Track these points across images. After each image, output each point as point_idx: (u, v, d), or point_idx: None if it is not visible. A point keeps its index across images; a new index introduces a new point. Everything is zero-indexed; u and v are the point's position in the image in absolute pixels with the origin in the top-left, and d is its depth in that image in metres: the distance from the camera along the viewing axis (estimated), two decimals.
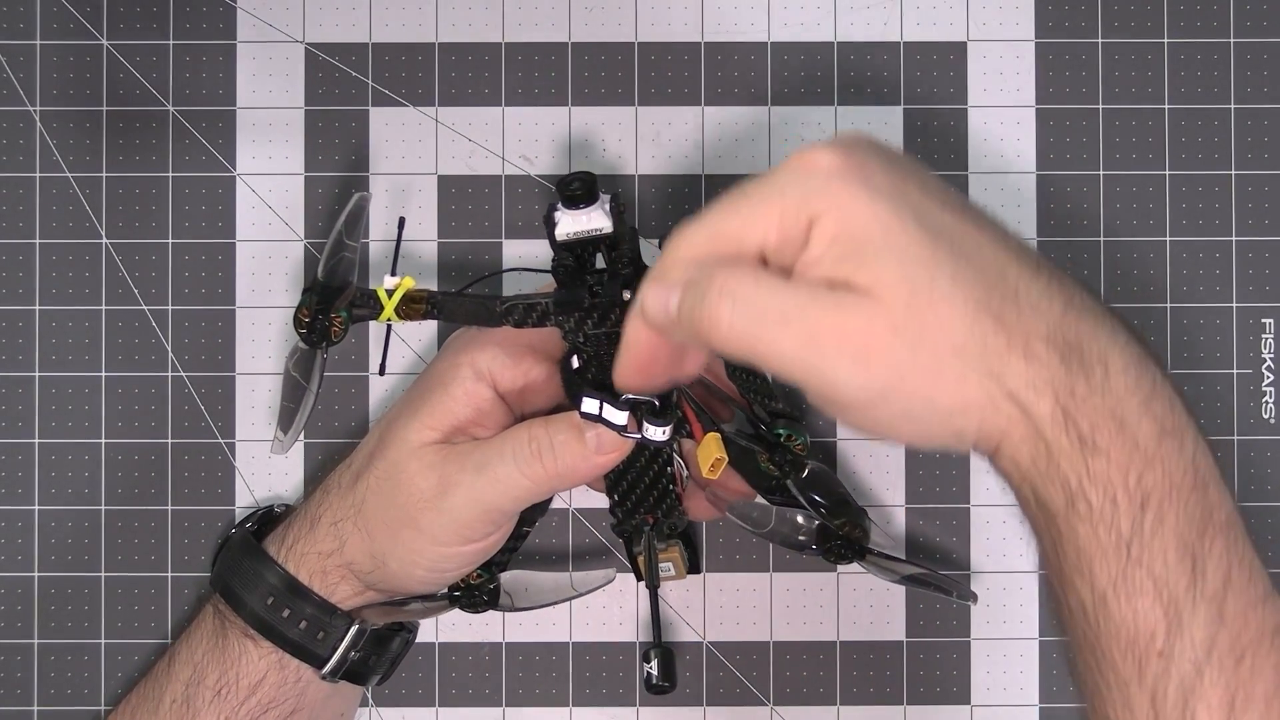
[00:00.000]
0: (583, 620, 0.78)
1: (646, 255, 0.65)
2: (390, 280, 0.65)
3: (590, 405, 0.62)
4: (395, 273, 0.66)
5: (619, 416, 0.62)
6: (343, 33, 0.80)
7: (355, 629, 0.69)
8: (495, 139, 0.79)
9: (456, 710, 0.78)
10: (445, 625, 0.78)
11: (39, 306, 0.79)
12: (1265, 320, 0.78)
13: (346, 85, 0.80)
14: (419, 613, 0.72)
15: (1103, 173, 0.78)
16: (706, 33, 0.79)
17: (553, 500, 0.75)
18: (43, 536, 0.79)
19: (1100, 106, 0.79)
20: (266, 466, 0.79)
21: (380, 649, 0.72)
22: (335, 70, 0.80)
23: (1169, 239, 0.78)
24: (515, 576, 0.75)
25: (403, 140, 0.79)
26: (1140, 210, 0.78)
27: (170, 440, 0.79)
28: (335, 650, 0.69)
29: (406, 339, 0.79)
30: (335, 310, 0.67)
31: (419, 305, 0.65)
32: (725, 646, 0.78)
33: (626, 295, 0.62)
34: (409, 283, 0.65)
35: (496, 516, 0.67)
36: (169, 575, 0.78)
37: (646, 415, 0.61)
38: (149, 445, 0.79)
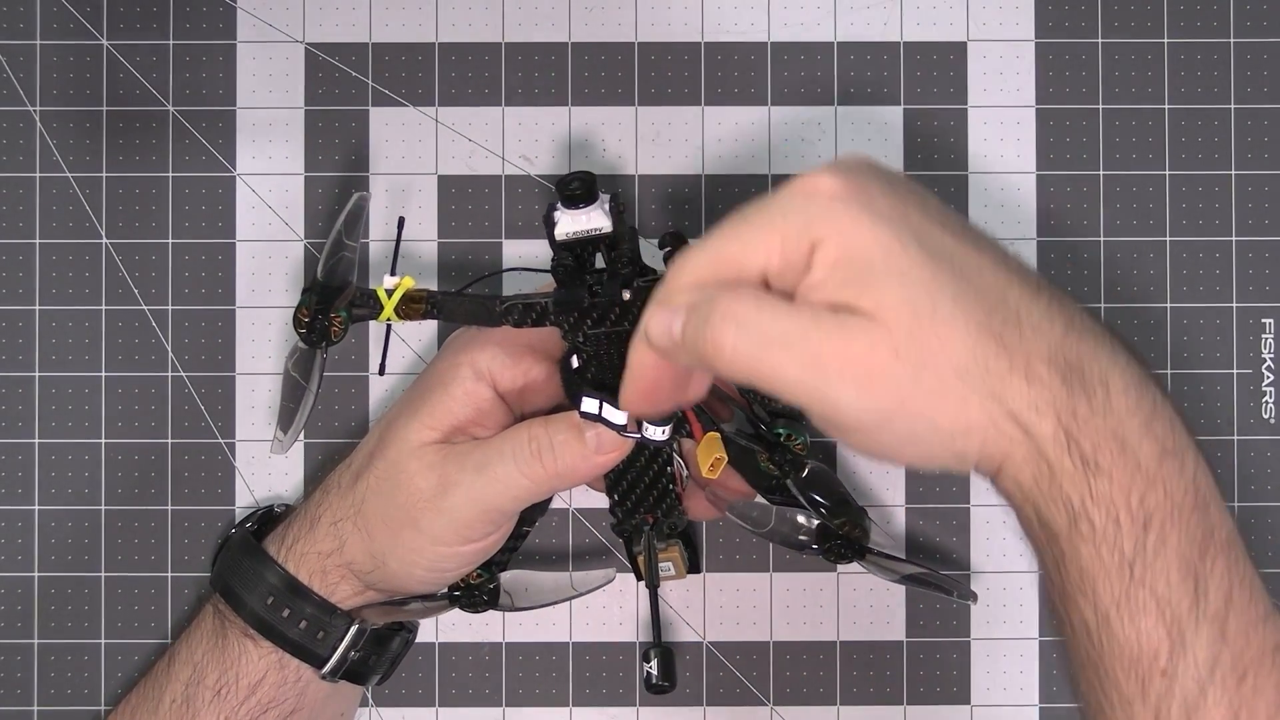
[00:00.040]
0: (583, 620, 0.78)
1: (646, 255, 0.65)
2: (390, 280, 0.65)
3: (590, 405, 0.62)
4: (395, 272, 0.66)
5: (619, 416, 0.62)
6: (343, 33, 0.80)
7: (355, 629, 0.69)
8: (495, 139, 0.79)
9: (456, 710, 0.78)
10: (445, 625, 0.78)
11: (39, 306, 0.79)
12: (1265, 320, 0.78)
13: (346, 85, 0.80)
14: (419, 612, 0.72)
15: (1103, 173, 0.78)
16: (706, 33, 0.79)
17: (552, 500, 0.75)
18: (43, 536, 0.79)
19: (1100, 106, 0.79)
20: (266, 466, 0.79)
21: (380, 649, 0.72)
22: (335, 70, 0.80)
23: (1169, 239, 0.78)
24: (515, 576, 0.75)
25: (403, 140, 0.79)
26: (1140, 210, 0.78)
27: (170, 440, 0.79)
28: (335, 650, 0.69)
29: (406, 339, 0.79)
30: (335, 310, 0.67)
31: (419, 305, 0.65)
32: (725, 646, 0.78)
33: (626, 295, 0.62)
34: (409, 282, 0.65)
35: (496, 516, 0.67)
36: (169, 575, 0.78)
37: None
38: (149, 445, 0.79)
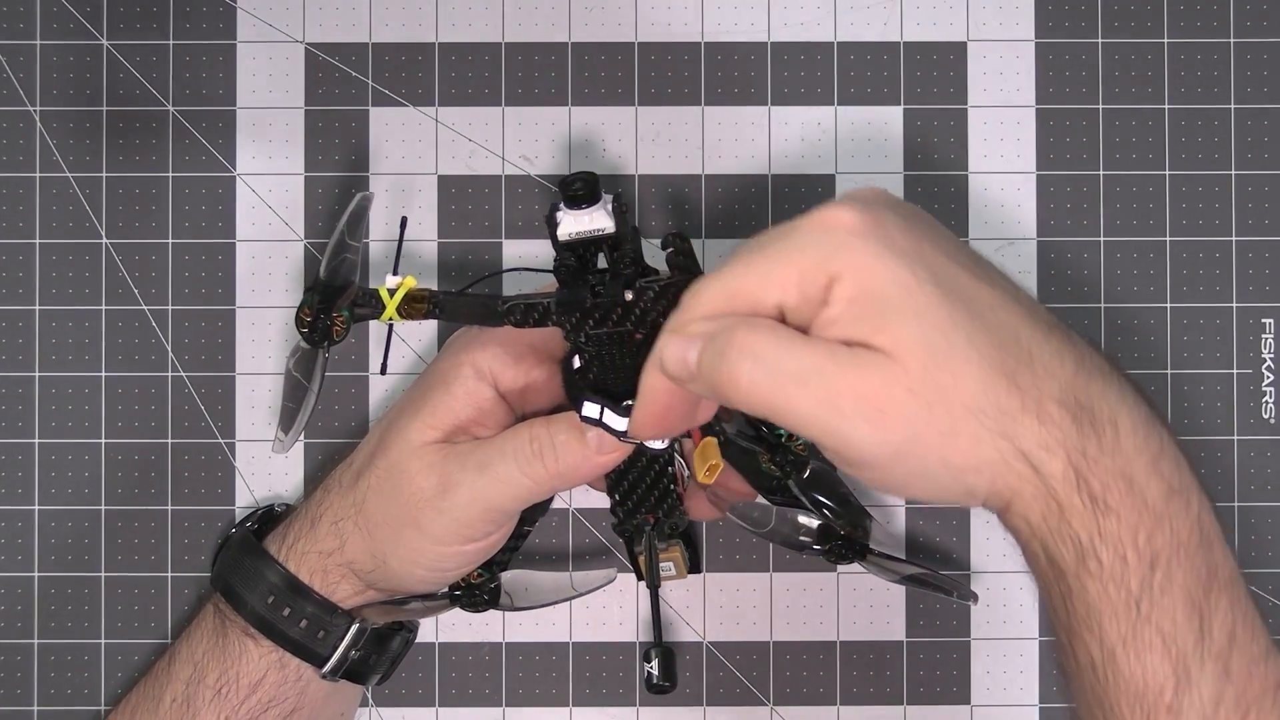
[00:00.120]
0: (583, 620, 0.78)
1: (648, 255, 0.65)
2: (392, 280, 0.65)
3: (591, 409, 0.62)
4: (397, 272, 0.65)
5: (619, 421, 0.62)
6: (343, 33, 0.80)
7: (356, 628, 0.69)
8: (495, 139, 0.79)
9: (456, 710, 0.78)
10: (445, 625, 0.78)
11: (39, 306, 0.79)
12: (1265, 320, 0.78)
13: (346, 85, 0.80)
14: (419, 612, 0.72)
15: (1103, 173, 0.78)
16: (706, 33, 0.79)
17: (553, 500, 0.75)
18: (43, 536, 0.79)
19: (1100, 106, 0.79)
20: (266, 466, 0.79)
21: (380, 648, 0.72)
22: (335, 70, 0.80)
23: (1169, 239, 0.78)
24: (516, 576, 0.75)
25: (403, 140, 0.79)
26: (1140, 210, 0.78)
27: (170, 440, 0.79)
28: (336, 649, 0.69)
29: (406, 339, 0.79)
30: (337, 309, 0.66)
31: (421, 305, 0.65)
32: (725, 646, 0.78)
33: (628, 295, 0.62)
34: (411, 282, 0.65)
35: (497, 516, 0.67)
36: (169, 575, 0.78)
37: None
38: (149, 445, 0.79)
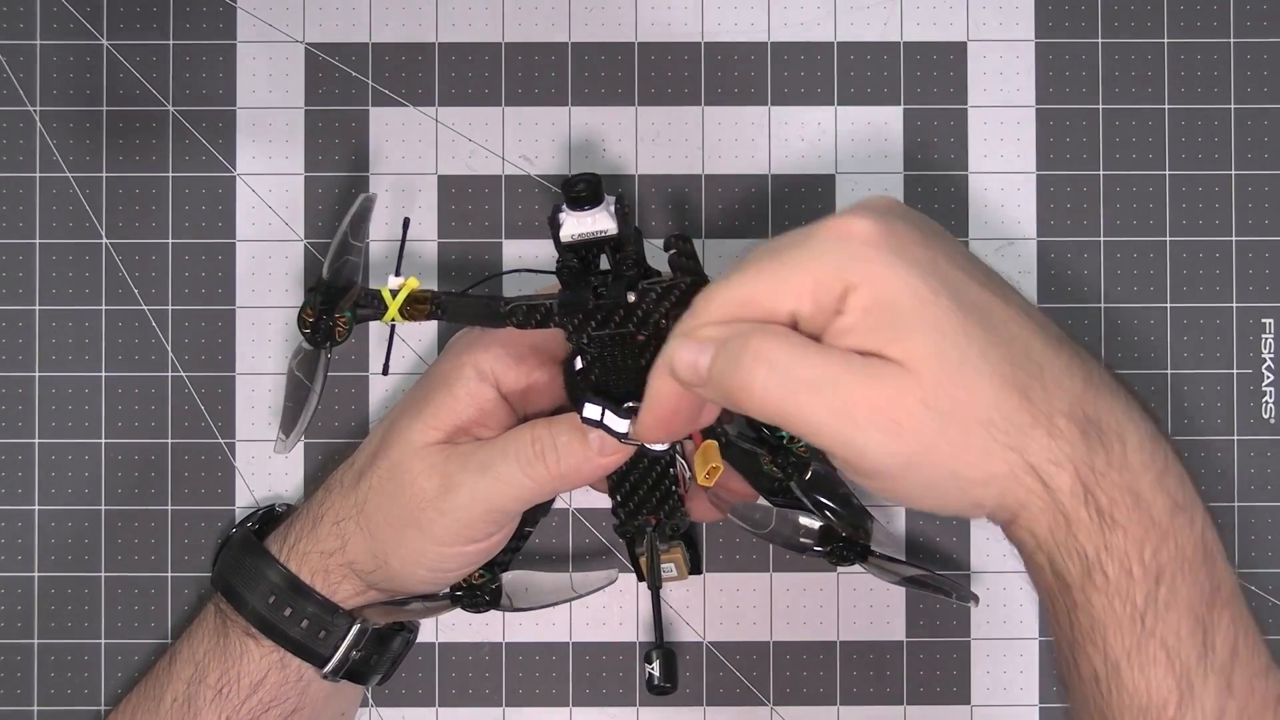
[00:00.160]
0: (583, 620, 0.78)
1: (649, 257, 0.65)
2: (394, 280, 0.65)
3: (592, 411, 0.62)
4: (400, 273, 0.65)
5: (621, 423, 0.62)
6: (343, 33, 0.80)
7: (357, 628, 0.69)
8: (495, 139, 0.79)
9: (456, 710, 0.78)
10: (445, 625, 0.78)
11: (39, 306, 0.79)
12: (1265, 320, 0.78)
13: (346, 85, 0.80)
14: (420, 612, 0.72)
15: (1103, 173, 0.78)
16: (706, 33, 0.79)
17: (554, 501, 0.75)
18: (43, 536, 0.79)
19: (1100, 106, 0.79)
20: (266, 466, 0.79)
21: (381, 648, 0.72)
22: (335, 70, 0.80)
23: (1169, 239, 0.78)
24: (517, 577, 0.75)
25: (403, 140, 0.79)
26: (1140, 210, 0.78)
27: (170, 440, 0.79)
28: (337, 649, 0.69)
29: (407, 339, 0.79)
30: (339, 311, 0.66)
31: (423, 306, 0.65)
32: (725, 646, 0.78)
33: (631, 297, 0.62)
34: (413, 283, 0.65)
35: (499, 517, 0.67)
36: (169, 575, 0.78)
37: None
38: (149, 445, 0.79)
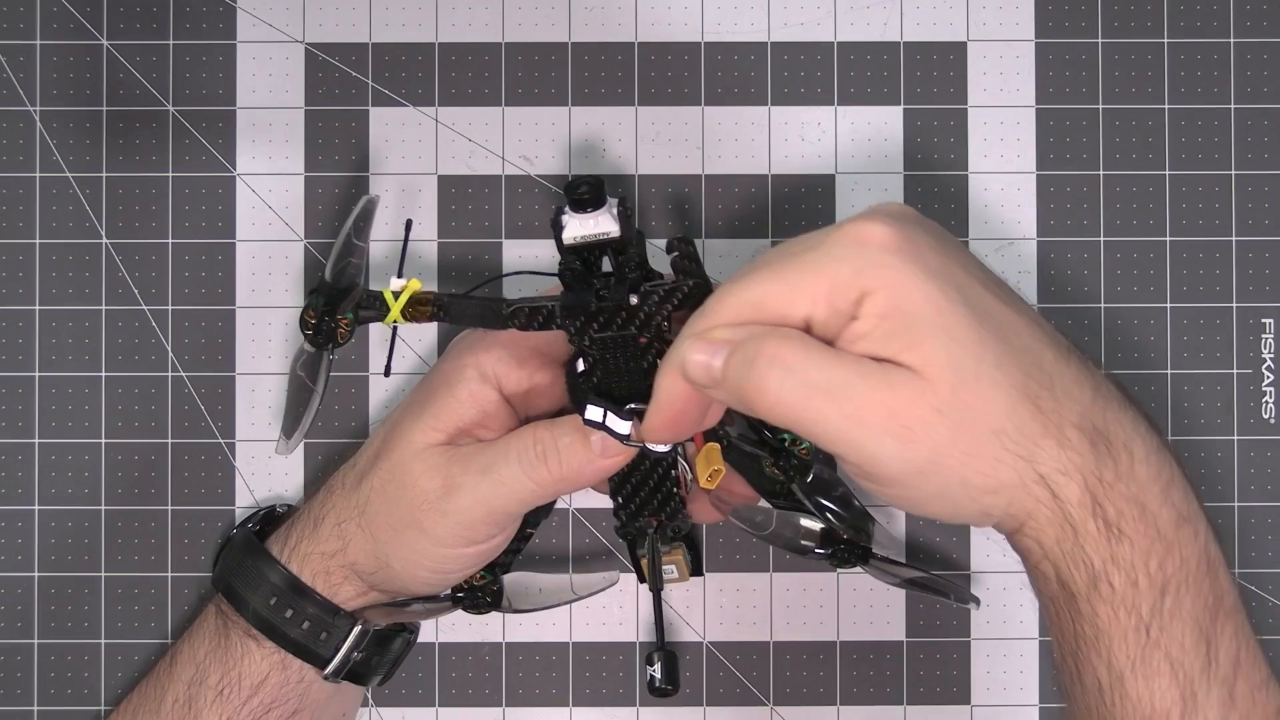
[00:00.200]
0: (583, 620, 0.78)
1: (652, 258, 0.65)
2: (396, 282, 0.65)
3: (594, 413, 0.62)
4: (401, 274, 0.65)
5: (622, 426, 0.62)
6: (343, 33, 0.80)
7: (358, 630, 0.69)
8: (495, 139, 0.79)
9: (456, 710, 0.78)
10: (445, 625, 0.78)
11: (39, 306, 0.79)
12: (1265, 320, 0.78)
13: (346, 85, 0.80)
14: (422, 614, 0.72)
15: (1103, 173, 0.78)
16: (706, 33, 0.79)
17: (556, 503, 0.75)
18: (43, 536, 0.78)
19: (1100, 106, 0.79)
20: (266, 466, 0.79)
21: (382, 649, 0.72)
22: (335, 70, 0.79)
23: (1169, 239, 0.78)
24: (518, 578, 0.75)
25: (403, 140, 0.79)
26: (1140, 210, 0.78)
27: (170, 440, 0.79)
28: (338, 651, 0.69)
29: (407, 341, 0.78)
30: (341, 312, 0.66)
31: (425, 307, 0.65)
32: (725, 646, 0.78)
33: (633, 299, 0.62)
34: (415, 285, 0.65)
35: (501, 518, 0.67)
36: (169, 575, 0.78)
37: None
38: (149, 445, 0.79)
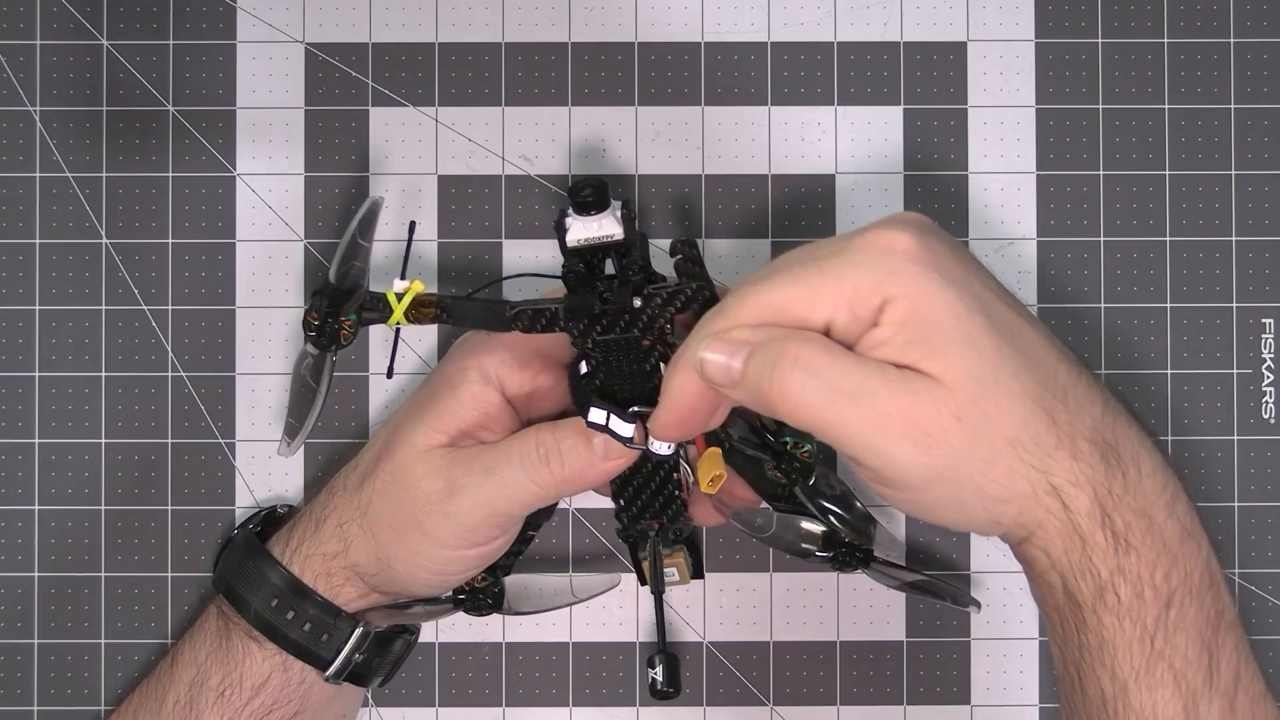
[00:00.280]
0: (583, 620, 0.78)
1: (654, 260, 0.65)
2: (400, 284, 0.65)
3: (597, 415, 0.62)
4: (404, 276, 0.65)
5: (625, 428, 0.62)
6: (343, 33, 0.79)
7: (359, 631, 0.69)
8: (495, 139, 0.79)
9: (456, 710, 0.78)
10: (445, 625, 0.78)
11: (39, 306, 0.79)
12: (1265, 320, 0.78)
13: (346, 85, 0.79)
14: (423, 615, 0.72)
15: (1103, 173, 0.79)
16: (706, 33, 0.79)
17: (557, 505, 0.75)
18: (43, 536, 0.78)
19: (1100, 106, 0.79)
20: (267, 467, 0.79)
21: (383, 651, 0.72)
22: (335, 70, 0.79)
23: (1169, 239, 0.78)
24: (519, 580, 0.75)
25: (403, 140, 0.79)
26: (1140, 210, 0.78)
27: (170, 440, 0.79)
28: (339, 652, 0.69)
29: (409, 343, 0.78)
30: (345, 314, 0.66)
31: (428, 309, 0.65)
32: (725, 646, 0.78)
33: (636, 302, 0.62)
34: (418, 286, 0.65)
35: (503, 520, 0.67)
36: (169, 575, 0.78)
37: None
38: (149, 445, 0.79)
